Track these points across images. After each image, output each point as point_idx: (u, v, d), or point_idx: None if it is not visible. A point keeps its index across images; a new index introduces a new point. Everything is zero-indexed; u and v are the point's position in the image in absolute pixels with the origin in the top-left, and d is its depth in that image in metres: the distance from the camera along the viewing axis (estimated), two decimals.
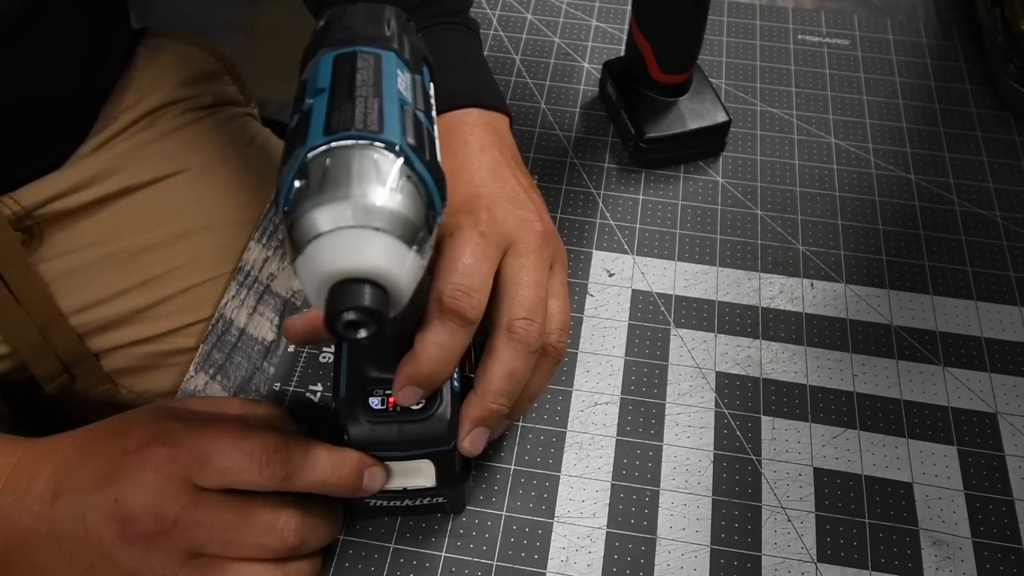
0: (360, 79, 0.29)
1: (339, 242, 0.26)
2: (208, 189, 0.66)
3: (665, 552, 0.45)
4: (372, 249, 0.26)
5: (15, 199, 0.58)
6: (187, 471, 0.37)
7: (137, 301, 0.62)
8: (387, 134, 0.27)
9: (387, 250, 0.26)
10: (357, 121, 0.27)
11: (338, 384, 0.40)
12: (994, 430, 0.50)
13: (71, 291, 0.61)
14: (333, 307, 0.26)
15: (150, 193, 0.64)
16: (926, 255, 0.57)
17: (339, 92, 0.28)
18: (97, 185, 0.62)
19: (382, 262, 0.26)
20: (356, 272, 0.26)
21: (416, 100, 0.30)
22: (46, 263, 0.61)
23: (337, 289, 0.26)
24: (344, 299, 0.25)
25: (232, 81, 0.74)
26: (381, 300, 0.26)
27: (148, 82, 0.67)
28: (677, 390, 0.51)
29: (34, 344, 0.59)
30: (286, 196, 0.27)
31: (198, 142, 0.67)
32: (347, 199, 0.26)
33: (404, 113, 0.29)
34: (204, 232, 0.64)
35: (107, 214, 0.63)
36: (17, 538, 0.39)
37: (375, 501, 0.42)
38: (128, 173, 0.63)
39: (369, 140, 0.27)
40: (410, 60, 0.32)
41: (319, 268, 0.26)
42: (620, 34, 0.71)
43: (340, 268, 0.26)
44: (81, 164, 0.62)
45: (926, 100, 0.67)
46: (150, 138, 0.65)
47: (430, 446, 0.40)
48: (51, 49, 0.58)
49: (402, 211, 0.26)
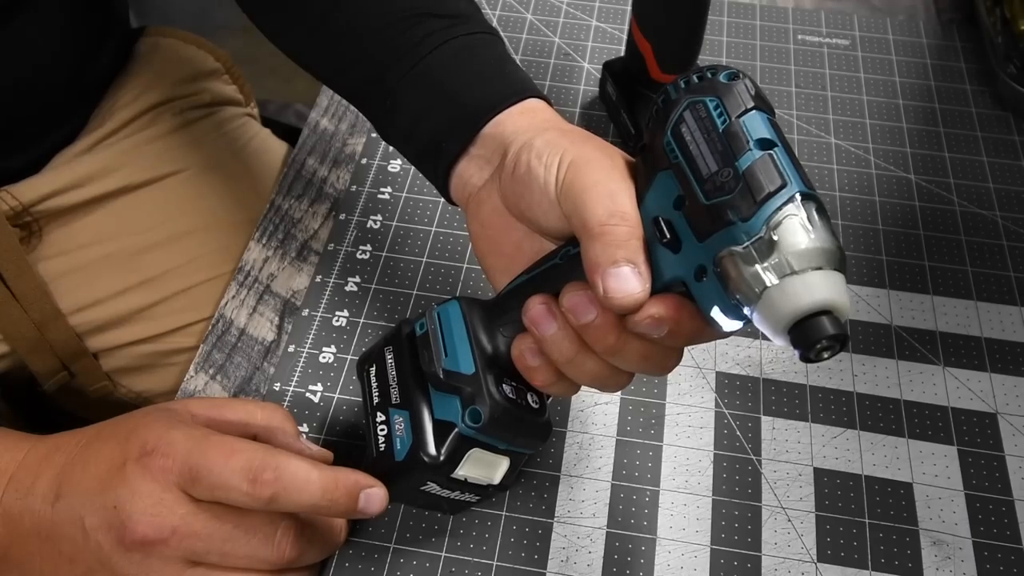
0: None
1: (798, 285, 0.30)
2: (208, 189, 0.66)
3: (665, 552, 0.45)
4: (822, 286, 0.29)
5: (12, 194, 0.58)
6: (182, 483, 0.37)
7: (137, 301, 0.62)
8: (808, 186, 0.31)
9: (831, 283, 0.30)
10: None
11: (448, 355, 0.40)
12: (994, 430, 0.50)
13: (70, 290, 0.61)
14: (808, 340, 0.29)
15: (149, 192, 0.64)
16: (926, 255, 0.57)
17: (790, 151, 0.32)
18: (96, 182, 0.62)
19: (831, 294, 0.29)
20: (818, 307, 0.29)
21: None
22: (45, 262, 0.61)
23: (805, 324, 0.30)
24: (815, 332, 0.29)
25: (231, 81, 0.74)
26: (840, 324, 0.30)
27: (147, 78, 0.67)
28: (677, 390, 0.51)
29: (31, 340, 0.59)
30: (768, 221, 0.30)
31: (197, 142, 0.67)
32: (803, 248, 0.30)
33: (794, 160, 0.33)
34: (204, 232, 0.64)
35: (106, 213, 0.63)
36: (19, 539, 0.39)
37: (426, 485, 0.41)
38: (127, 171, 0.63)
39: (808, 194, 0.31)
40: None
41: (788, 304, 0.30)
42: (620, 34, 0.71)
43: (805, 304, 0.29)
44: (79, 161, 0.62)
45: (926, 100, 0.67)
46: (149, 137, 0.65)
47: (530, 444, 0.42)
48: (39, 38, 0.58)
49: (827, 246, 0.30)
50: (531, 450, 0.43)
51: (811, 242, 0.30)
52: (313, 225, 0.59)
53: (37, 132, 0.61)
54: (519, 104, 0.42)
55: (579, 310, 0.35)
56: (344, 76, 0.49)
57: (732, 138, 0.32)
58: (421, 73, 0.44)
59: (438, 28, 0.45)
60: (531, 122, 0.42)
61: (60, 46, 0.60)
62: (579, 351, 0.36)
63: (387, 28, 0.46)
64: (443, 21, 0.45)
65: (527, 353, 0.38)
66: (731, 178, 0.31)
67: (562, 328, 0.36)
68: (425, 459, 0.39)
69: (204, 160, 0.67)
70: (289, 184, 0.62)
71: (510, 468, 0.42)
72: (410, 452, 0.40)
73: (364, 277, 0.56)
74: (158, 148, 0.65)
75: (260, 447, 0.38)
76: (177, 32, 0.71)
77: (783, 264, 0.29)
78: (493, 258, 0.43)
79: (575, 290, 0.35)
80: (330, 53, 0.49)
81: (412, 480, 0.40)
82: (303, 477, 0.37)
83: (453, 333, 0.41)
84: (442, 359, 0.40)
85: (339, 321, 0.53)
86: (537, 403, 0.41)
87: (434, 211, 0.59)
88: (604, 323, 0.35)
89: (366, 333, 0.53)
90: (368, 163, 0.62)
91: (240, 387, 0.51)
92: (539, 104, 0.43)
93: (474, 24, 0.46)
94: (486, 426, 0.39)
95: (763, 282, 0.30)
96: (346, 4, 0.47)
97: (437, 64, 0.44)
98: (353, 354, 0.52)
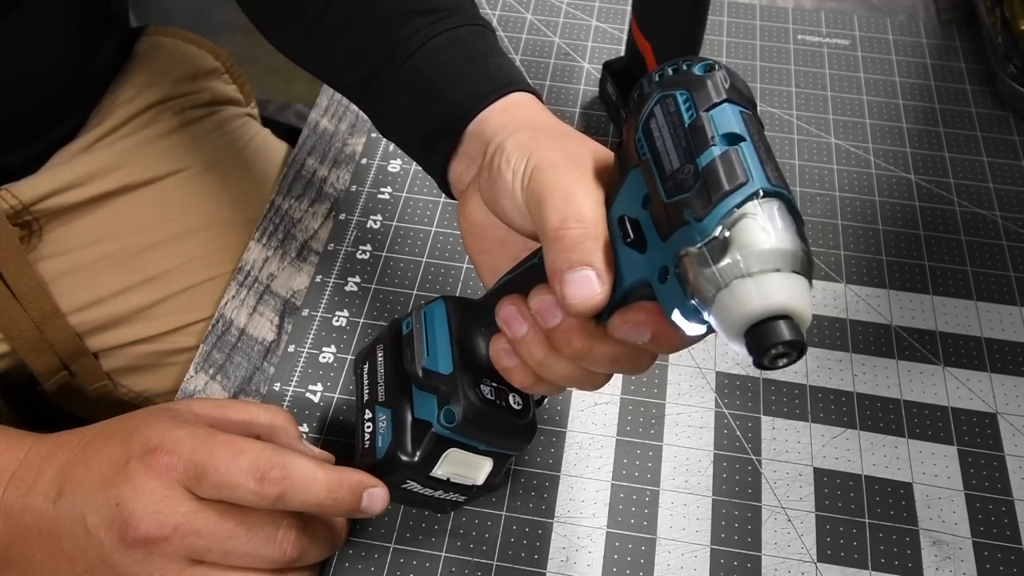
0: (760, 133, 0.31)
1: (751, 288, 0.28)
2: (207, 189, 0.66)
3: (665, 552, 0.45)
4: (778, 289, 0.28)
5: (13, 193, 0.58)
6: (186, 481, 0.37)
7: (137, 300, 0.62)
8: (776, 183, 0.29)
9: (789, 286, 0.28)
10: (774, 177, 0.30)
11: (429, 354, 0.40)
12: (994, 430, 0.50)
13: (71, 290, 0.61)
14: (760, 345, 0.28)
15: (149, 192, 0.64)
16: (926, 255, 0.57)
17: (760, 146, 0.30)
18: (96, 181, 0.62)
19: (788, 298, 0.28)
20: (773, 311, 0.28)
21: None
22: (45, 261, 0.61)
23: (759, 328, 0.28)
24: (769, 337, 0.28)
25: (232, 80, 0.74)
26: (797, 331, 0.28)
27: (146, 77, 0.67)
28: (677, 390, 0.51)
29: (30, 340, 0.59)
30: (723, 219, 0.29)
31: (198, 141, 0.67)
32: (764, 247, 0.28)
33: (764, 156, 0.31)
34: (204, 231, 0.64)
35: (106, 212, 0.63)
36: (19, 536, 0.39)
37: (406, 483, 0.41)
38: (127, 171, 0.63)
39: (778, 194, 0.29)
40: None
41: (743, 308, 0.28)
42: (620, 34, 0.71)
43: (759, 308, 0.28)
44: (79, 159, 0.62)
45: (926, 100, 0.67)
46: (149, 136, 0.65)
47: (510, 446, 0.41)
48: (36, 33, 0.58)
49: (788, 247, 0.28)
50: (513, 452, 0.42)
51: (769, 243, 0.28)
52: (313, 225, 0.59)
53: (37, 129, 0.61)
54: (502, 100, 0.42)
55: (545, 313, 0.35)
56: (339, 77, 0.49)
57: (697, 133, 0.30)
58: (409, 73, 0.44)
59: (423, 25, 0.45)
60: (511, 119, 0.41)
61: (60, 42, 0.60)
62: (549, 353, 0.36)
63: (376, 27, 0.46)
64: (428, 17, 0.45)
65: (503, 354, 0.38)
66: (691, 175, 0.30)
67: (532, 330, 0.36)
68: (402, 458, 0.39)
69: (204, 160, 0.67)
70: (289, 184, 0.62)
71: (495, 469, 0.41)
72: (389, 450, 0.40)
73: (364, 277, 0.56)
74: (158, 147, 0.65)
75: (267, 446, 0.38)
76: (178, 32, 0.71)
77: (737, 266, 0.28)
78: (481, 255, 0.43)
79: (542, 293, 0.35)
80: (325, 54, 0.49)
81: (392, 478, 0.40)
82: (310, 476, 0.38)
83: (436, 332, 0.41)
84: (423, 358, 0.40)
85: (339, 321, 0.53)
86: (520, 404, 0.41)
87: (434, 211, 0.59)
88: (569, 327, 0.34)
89: (366, 333, 0.53)
90: (368, 163, 0.62)
91: (240, 387, 0.51)
92: (523, 98, 0.43)
93: (460, 16, 0.46)
94: (460, 427, 0.39)
95: (717, 284, 0.28)
96: (339, 4, 0.47)
97: (423, 62, 0.44)
98: (353, 354, 0.52)
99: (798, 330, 0.28)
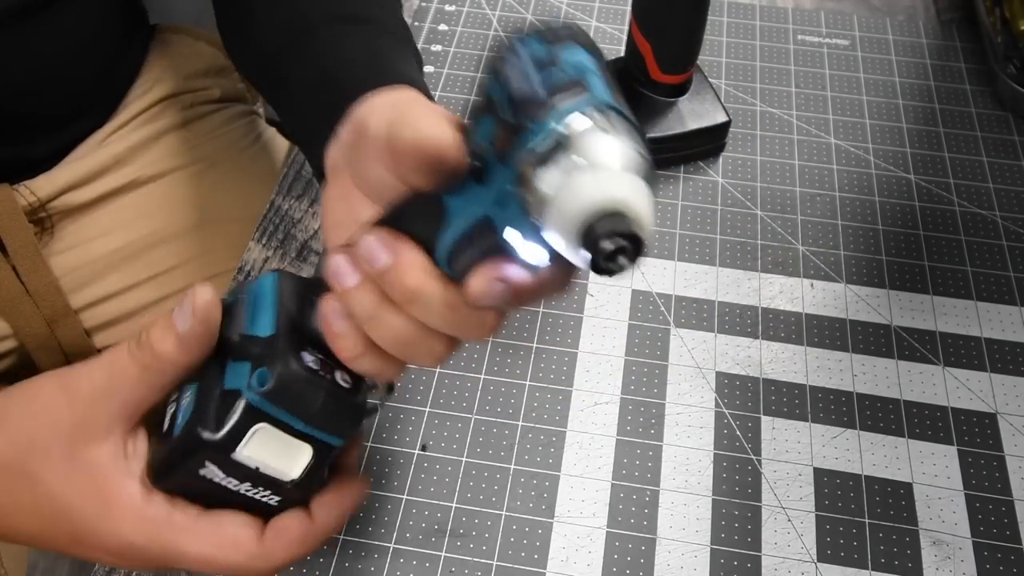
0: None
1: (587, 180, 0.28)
2: (215, 184, 0.66)
3: (665, 552, 0.45)
4: (613, 182, 0.28)
5: (31, 190, 0.59)
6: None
7: (144, 296, 0.63)
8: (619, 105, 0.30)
9: (625, 181, 0.28)
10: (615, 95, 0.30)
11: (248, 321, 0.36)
12: (994, 430, 0.50)
13: (80, 286, 0.61)
14: (595, 235, 0.27)
15: (158, 187, 0.65)
16: (926, 255, 0.57)
17: (608, 79, 0.31)
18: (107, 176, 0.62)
19: (626, 193, 0.28)
20: (610, 203, 0.28)
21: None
22: (56, 257, 0.61)
23: (596, 224, 0.27)
24: (604, 227, 0.27)
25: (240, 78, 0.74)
26: (629, 224, 0.28)
27: (157, 72, 0.68)
28: (677, 390, 0.51)
29: (40, 337, 0.60)
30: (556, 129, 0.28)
31: (206, 137, 0.68)
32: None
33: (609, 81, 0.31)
34: (210, 228, 0.65)
35: (115, 208, 0.63)
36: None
37: (205, 468, 0.35)
38: (136, 166, 0.64)
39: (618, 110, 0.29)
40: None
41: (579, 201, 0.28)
42: (620, 34, 0.71)
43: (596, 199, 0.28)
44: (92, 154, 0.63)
45: (926, 100, 0.67)
46: (158, 130, 0.66)
47: (333, 428, 0.36)
48: (72, 28, 0.58)
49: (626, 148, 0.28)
50: (339, 438, 0.36)
51: (607, 141, 0.28)
52: (313, 225, 0.59)
53: (62, 121, 0.62)
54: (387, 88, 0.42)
55: (376, 252, 0.33)
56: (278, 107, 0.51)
57: (545, 65, 0.30)
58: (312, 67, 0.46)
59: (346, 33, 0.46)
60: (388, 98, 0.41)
61: (94, 37, 0.61)
62: (381, 303, 0.33)
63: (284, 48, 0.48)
64: (333, 28, 0.46)
65: (331, 315, 0.34)
66: (536, 96, 0.29)
67: (363, 279, 0.33)
68: (202, 433, 0.34)
69: (212, 156, 0.67)
70: (289, 184, 0.62)
71: (314, 462, 0.36)
72: (186, 425, 0.34)
73: None
74: (167, 143, 0.66)
75: None
76: (189, 29, 0.72)
77: (573, 162, 0.28)
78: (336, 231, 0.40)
79: (373, 233, 0.33)
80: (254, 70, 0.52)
81: (188, 463, 0.35)
82: None
83: (262, 301, 0.36)
84: (242, 326, 0.36)
85: None
86: (348, 383, 0.36)
87: None
88: (401, 264, 0.32)
89: None
90: None
91: None
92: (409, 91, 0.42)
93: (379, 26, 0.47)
94: (275, 391, 0.34)
95: (553, 182, 0.28)
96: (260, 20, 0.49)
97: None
98: None
99: (630, 224, 0.27)
